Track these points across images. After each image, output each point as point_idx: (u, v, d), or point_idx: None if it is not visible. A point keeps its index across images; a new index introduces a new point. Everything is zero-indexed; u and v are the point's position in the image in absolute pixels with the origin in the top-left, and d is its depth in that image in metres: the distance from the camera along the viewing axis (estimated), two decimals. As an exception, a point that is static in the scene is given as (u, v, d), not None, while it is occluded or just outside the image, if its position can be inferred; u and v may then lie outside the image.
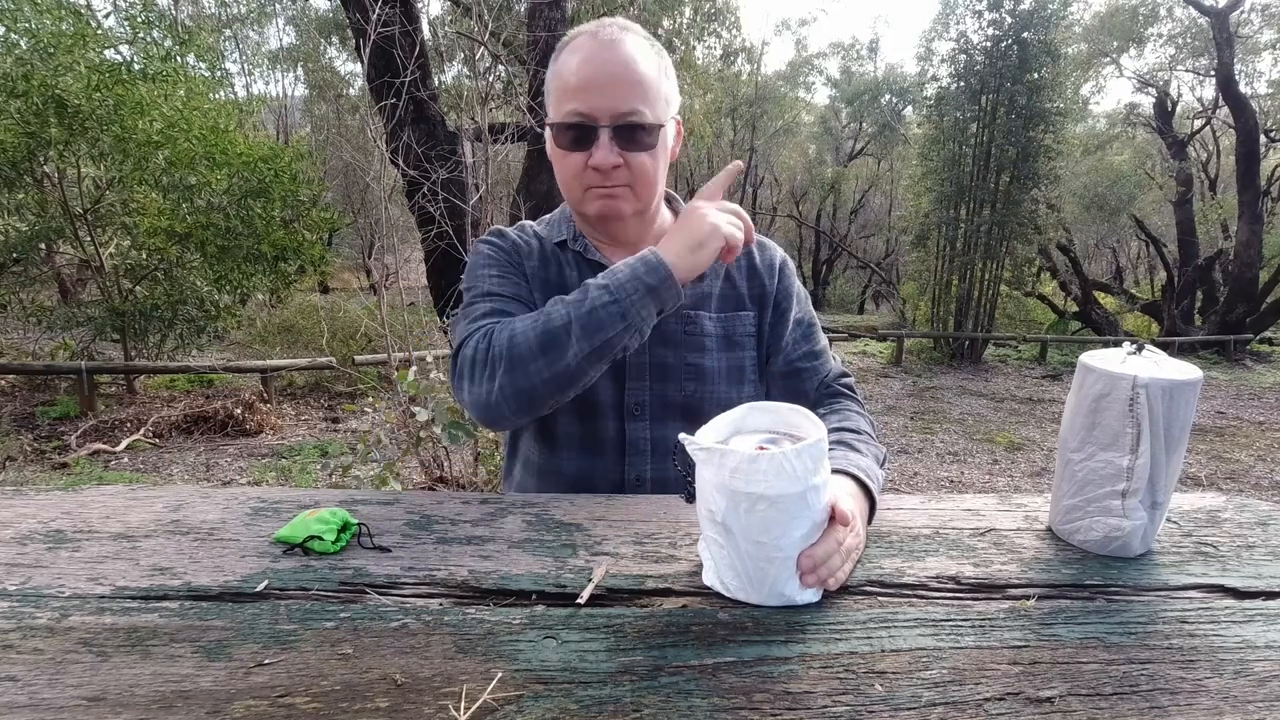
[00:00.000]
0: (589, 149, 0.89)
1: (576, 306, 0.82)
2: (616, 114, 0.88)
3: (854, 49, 24.24)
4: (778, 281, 1.06)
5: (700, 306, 1.02)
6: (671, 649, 0.56)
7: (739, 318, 1.04)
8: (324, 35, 17.04)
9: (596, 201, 0.93)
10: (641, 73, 0.89)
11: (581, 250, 1.01)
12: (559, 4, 5.76)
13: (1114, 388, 0.69)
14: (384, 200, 4.04)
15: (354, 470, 4.04)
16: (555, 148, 0.94)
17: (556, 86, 0.92)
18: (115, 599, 0.61)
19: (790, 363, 1.04)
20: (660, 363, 0.98)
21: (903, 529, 0.78)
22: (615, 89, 0.88)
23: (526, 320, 0.85)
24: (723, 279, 1.04)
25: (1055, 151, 10.82)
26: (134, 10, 6.45)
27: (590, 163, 0.89)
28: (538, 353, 0.82)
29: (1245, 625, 0.61)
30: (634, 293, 0.81)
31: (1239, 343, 12.14)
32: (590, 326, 0.81)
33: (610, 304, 0.81)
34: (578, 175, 0.92)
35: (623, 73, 0.88)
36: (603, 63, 0.88)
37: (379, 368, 5.96)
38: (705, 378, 0.99)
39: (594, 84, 0.88)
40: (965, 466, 5.57)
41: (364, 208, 13.64)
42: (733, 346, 1.02)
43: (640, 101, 0.89)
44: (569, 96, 0.89)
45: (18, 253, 6.39)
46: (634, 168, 0.91)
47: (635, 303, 0.81)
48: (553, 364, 0.82)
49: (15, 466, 4.58)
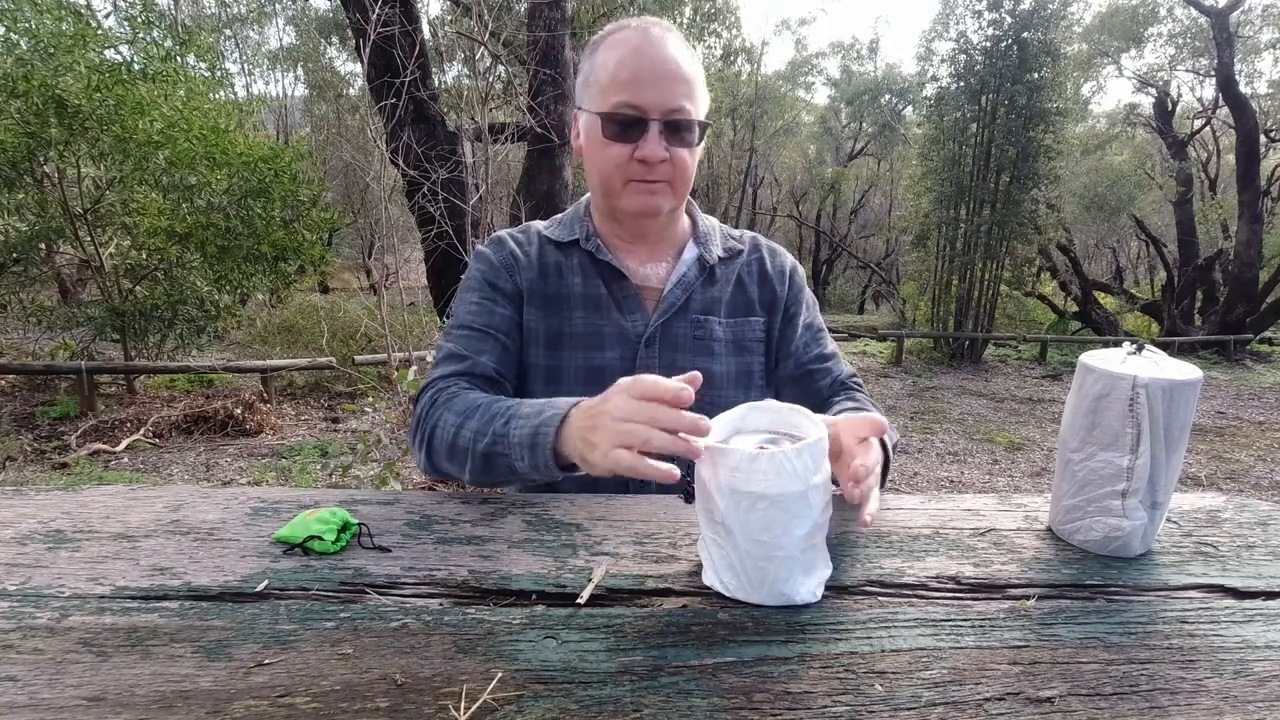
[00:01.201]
0: (636, 141, 0.90)
1: (479, 439, 0.81)
2: (667, 109, 0.90)
3: (854, 49, 24.30)
4: (788, 288, 1.07)
5: (711, 311, 1.02)
6: (671, 649, 0.56)
7: (749, 323, 1.04)
8: (324, 35, 17.05)
9: (637, 197, 0.94)
10: (689, 72, 0.92)
11: (593, 250, 1.00)
12: (559, 4, 5.75)
13: (1114, 388, 0.69)
14: (384, 200, 4.04)
15: (354, 470, 4.04)
16: (600, 137, 0.93)
17: (604, 79, 0.92)
18: (115, 599, 0.61)
19: (801, 365, 1.05)
20: (669, 366, 0.98)
21: (903, 529, 0.78)
22: (666, 85, 0.90)
23: (454, 415, 0.85)
24: (734, 284, 1.05)
25: (1055, 151, 10.82)
26: (134, 10, 6.45)
27: (638, 154, 0.90)
28: (446, 456, 0.87)
29: (1245, 625, 0.61)
30: (520, 458, 0.78)
31: (1239, 343, 12.14)
32: (481, 465, 0.82)
33: (500, 457, 0.79)
34: (621, 166, 0.93)
35: (674, 70, 0.90)
36: (654, 59, 0.90)
37: (379, 368, 5.96)
38: (714, 382, 0.99)
39: (645, 78, 0.89)
40: (965, 466, 5.57)
41: (364, 208, 13.64)
42: (742, 351, 1.03)
43: (686, 100, 0.91)
44: (619, 89, 0.90)
45: (18, 253, 6.39)
46: (677, 163, 0.93)
47: (523, 467, 0.78)
48: (456, 470, 0.87)
49: (15, 466, 4.58)
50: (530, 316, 0.99)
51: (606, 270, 1.00)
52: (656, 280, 1.02)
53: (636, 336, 0.98)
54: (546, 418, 0.75)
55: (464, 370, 0.94)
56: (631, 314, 0.99)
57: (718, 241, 1.07)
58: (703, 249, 1.04)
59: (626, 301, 1.00)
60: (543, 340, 0.98)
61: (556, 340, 0.98)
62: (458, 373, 0.93)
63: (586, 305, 0.99)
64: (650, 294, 1.02)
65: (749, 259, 1.08)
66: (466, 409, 0.85)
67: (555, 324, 0.99)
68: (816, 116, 23.69)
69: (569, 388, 0.95)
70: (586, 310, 0.99)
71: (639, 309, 1.00)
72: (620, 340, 0.98)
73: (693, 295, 1.01)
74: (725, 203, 18.58)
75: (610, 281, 1.00)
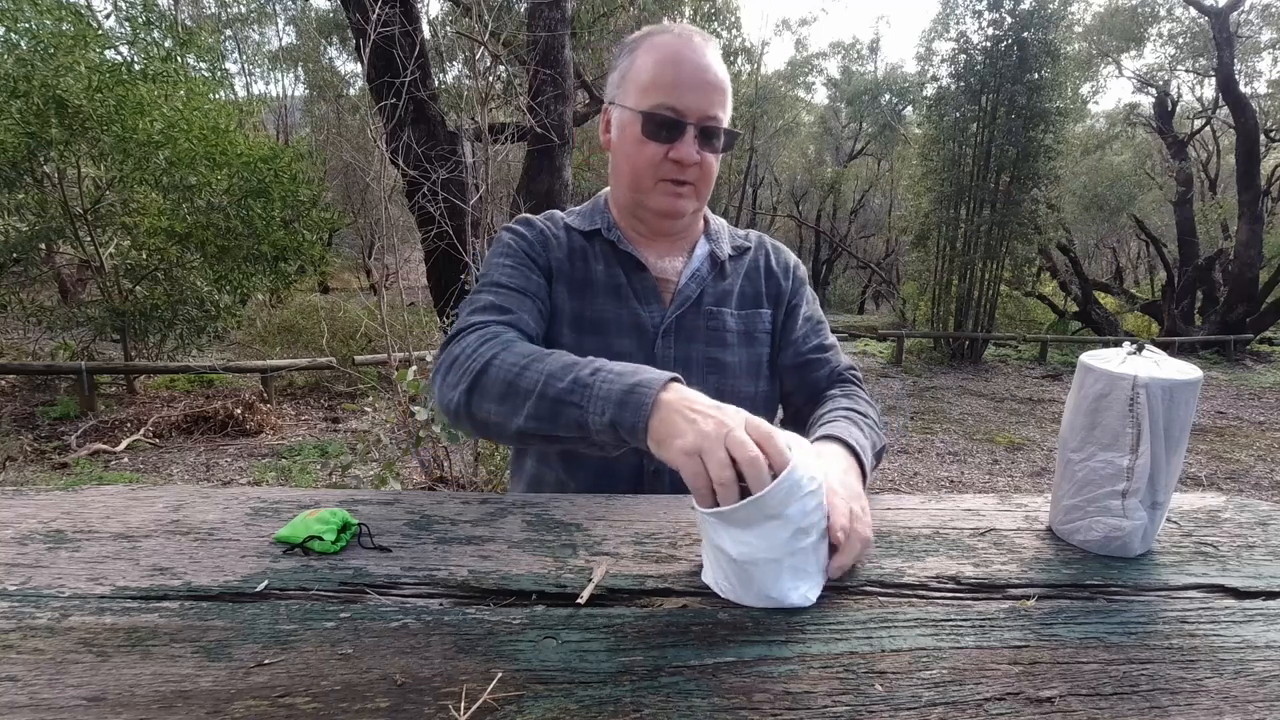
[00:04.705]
0: (673, 143, 0.94)
1: (551, 382, 0.76)
2: (704, 115, 0.94)
3: (854, 49, 24.30)
4: (791, 282, 1.12)
5: (723, 303, 1.05)
6: (671, 649, 0.56)
7: (759, 315, 1.08)
8: (324, 35, 17.05)
9: (665, 197, 0.98)
10: (724, 82, 0.96)
11: (615, 240, 1.03)
12: (559, 4, 5.75)
13: (1114, 388, 0.69)
14: (384, 200, 4.04)
15: (354, 470, 4.04)
16: (637, 135, 0.95)
17: (644, 79, 0.94)
18: (115, 599, 0.61)
19: (801, 354, 1.08)
20: (684, 356, 1.01)
21: (903, 529, 0.78)
22: (705, 92, 0.94)
23: (514, 355, 0.81)
24: (742, 278, 1.09)
25: (1055, 151, 10.82)
26: (134, 10, 6.45)
27: (672, 155, 0.94)
28: (497, 397, 0.80)
29: (1245, 625, 0.61)
30: (601, 412, 0.72)
31: (1239, 343, 12.14)
32: (546, 411, 0.76)
33: (574, 407, 0.74)
34: (654, 165, 0.96)
35: (712, 80, 0.94)
36: (696, 66, 0.94)
37: (379, 368, 5.95)
38: (726, 371, 1.03)
39: (687, 83, 0.93)
40: (965, 466, 5.57)
41: (364, 208, 13.64)
42: (753, 342, 1.06)
43: (721, 109, 0.96)
44: (660, 90, 0.93)
45: (18, 253, 6.39)
46: (705, 168, 0.97)
47: (599, 423, 0.72)
48: (502, 415, 0.80)
49: (15, 466, 4.58)
50: (558, 296, 1.01)
51: (628, 261, 1.03)
52: (672, 273, 1.05)
53: (654, 327, 1.01)
54: (645, 379, 0.71)
55: (509, 322, 0.90)
56: (649, 305, 1.02)
57: (726, 239, 1.11)
58: (714, 245, 1.08)
59: (645, 292, 1.03)
60: (567, 320, 1.00)
61: (578, 323, 1.01)
62: (504, 322, 0.90)
63: (608, 293, 1.02)
64: (666, 287, 1.05)
65: (755, 255, 1.12)
66: (532, 353, 0.81)
67: (578, 306, 1.01)
68: (816, 116, 23.69)
69: None
70: (608, 297, 1.02)
71: (656, 300, 1.03)
72: (636, 330, 1.01)
73: (705, 289, 1.05)
74: (725, 202, 18.57)
75: (630, 272, 1.03)
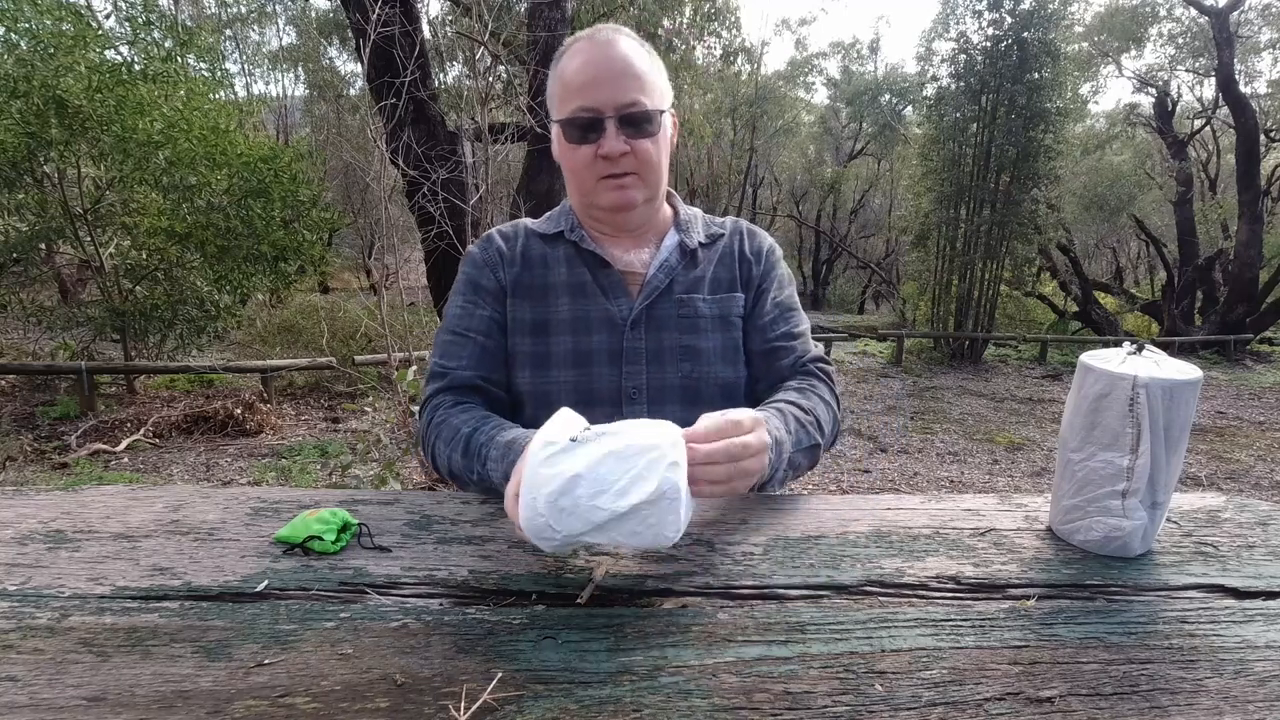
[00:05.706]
0: (598, 140, 0.95)
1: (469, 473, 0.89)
2: (620, 105, 0.94)
3: (854, 49, 24.28)
4: (762, 265, 1.11)
5: (694, 290, 1.05)
6: (671, 649, 0.56)
7: (733, 299, 1.07)
8: (324, 35, 17.04)
9: (610, 193, 0.99)
10: (638, 67, 0.96)
11: (578, 240, 1.05)
12: (559, 4, 5.75)
13: (1114, 388, 0.69)
14: (384, 200, 4.04)
15: (354, 470, 4.04)
16: (564, 144, 0.99)
17: (560, 89, 0.98)
18: (115, 599, 0.61)
19: (768, 341, 1.07)
20: (655, 345, 1.01)
21: (903, 529, 0.78)
22: (617, 82, 0.94)
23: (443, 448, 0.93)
24: (715, 264, 1.08)
25: (1055, 151, 10.81)
26: (134, 10, 6.44)
27: (599, 152, 0.96)
28: (449, 477, 0.95)
29: (1245, 625, 0.61)
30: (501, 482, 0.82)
31: (1239, 343, 12.13)
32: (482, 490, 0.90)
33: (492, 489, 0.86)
34: (589, 166, 0.98)
35: (622, 68, 0.95)
36: (603, 60, 0.95)
37: (379, 368, 5.96)
38: (700, 358, 1.02)
39: (596, 80, 0.94)
40: (965, 466, 5.57)
41: (364, 208, 13.63)
42: (728, 327, 1.05)
43: (639, 93, 0.95)
44: (573, 94, 0.96)
45: (18, 253, 6.39)
46: (639, 154, 0.97)
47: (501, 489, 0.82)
48: (461, 484, 0.94)
49: (15, 466, 4.58)
50: (516, 307, 1.04)
51: (591, 259, 1.04)
52: (640, 265, 1.06)
53: (622, 320, 1.02)
54: (510, 463, 0.81)
55: (445, 386, 1.01)
56: (616, 299, 1.03)
57: (699, 228, 1.11)
58: (684, 235, 1.08)
59: (611, 287, 1.03)
60: (529, 329, 1.03)
61: (543, 328, 1.02)
62: (441, 389, 1.01)
63: (572, 293, 1.03)
64: (634, 279, 1.05)
65: (730, 240, 1.12)
66: (453, 440, 0.92)
67: (541, 312, 1.03)
68: (816, 116, 23.68)
69: (557, 371, 1.00)
70: (572, 297, 1.03)
71: (623, 294, 1.03)
72: (606, 324, 1.02)
73: (676, 278, 1.05)
74: (725, 203, 18.58)
75: (595, 269, 1.04)
